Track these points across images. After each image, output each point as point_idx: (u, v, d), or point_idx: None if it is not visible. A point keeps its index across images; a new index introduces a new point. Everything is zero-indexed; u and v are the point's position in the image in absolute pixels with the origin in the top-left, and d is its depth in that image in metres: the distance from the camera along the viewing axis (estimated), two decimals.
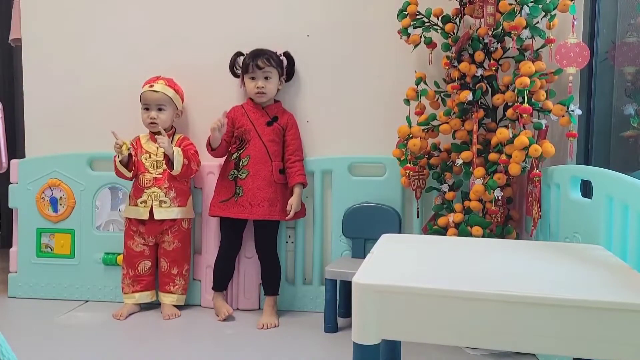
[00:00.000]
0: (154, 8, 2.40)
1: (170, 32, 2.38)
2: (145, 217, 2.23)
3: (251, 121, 2.20)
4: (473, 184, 1.85)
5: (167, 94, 2.26)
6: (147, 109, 2.26)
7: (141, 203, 2.24)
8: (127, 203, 2.30)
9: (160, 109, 2.26)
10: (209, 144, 2.19)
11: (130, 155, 2.23)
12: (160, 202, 2.24)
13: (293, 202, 2.16)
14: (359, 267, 1.06)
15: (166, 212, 2.24)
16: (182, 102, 2.34)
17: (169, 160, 2.20)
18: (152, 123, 2.25)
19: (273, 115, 2.23)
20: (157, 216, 2.23)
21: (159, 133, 2.23)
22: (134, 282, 2.28)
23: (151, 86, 2.26)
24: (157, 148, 2.25)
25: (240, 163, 2.18)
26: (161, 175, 2.25)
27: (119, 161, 2.21)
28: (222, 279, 2.27)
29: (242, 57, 2.27)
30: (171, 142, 2.27)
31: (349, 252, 2.27)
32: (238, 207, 2.16)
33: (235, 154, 2.20)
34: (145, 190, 2.24)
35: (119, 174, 2.25)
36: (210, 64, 2.35)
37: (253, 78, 2.20)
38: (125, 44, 2.42)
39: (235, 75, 2.30)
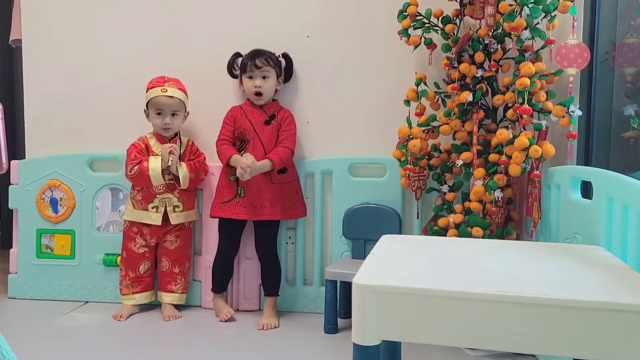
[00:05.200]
0: (154, 9, 2.40)
1: (170, 33, 2.38)
2: (158, 222, 2.22)
3: (250, 121, 2.20)
4: (473, 185, 1.85)
5: (180, 99, 2.23)
6: (159, 113, 2.22)
7: (152, 208, 2.23)
8: (131, 206, 2.27)
9: (174, 114, 2.23)
10: (226, 163, 2.15)
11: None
12: (174, 207, 2.24)
13: (252, 165, 2.07)
14: (359, 268, 1.06)
15: (181, 216, 2.26)
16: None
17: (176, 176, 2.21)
18: (166, 129, 2.23)
19: (271, 114, 2.22)
20: (173, 221, 2.23)
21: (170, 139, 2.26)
22: (134, 283, 2.27)
23: (164, 90, 2.20)
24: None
25: None
26: (172, 181, 2.23)
27: (159, 170, 2.17)
28: (222, 281, 2.27)
29: (240, 59, 2.27)
30: (179, 144, 2.27)
31: (349, 253, 2.27)
32: (240, 207, 2.16)
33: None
34: (157, 195, 2.23)
35: (146, 182, 2.18)
36: (210, 64, 2.34)
37: (251, 77, 2.20)
38: (125, 45, 2.42)
39: (233, 75, 2.30)
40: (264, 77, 2.19)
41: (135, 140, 2.27)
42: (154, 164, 2.18)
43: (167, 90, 2.21)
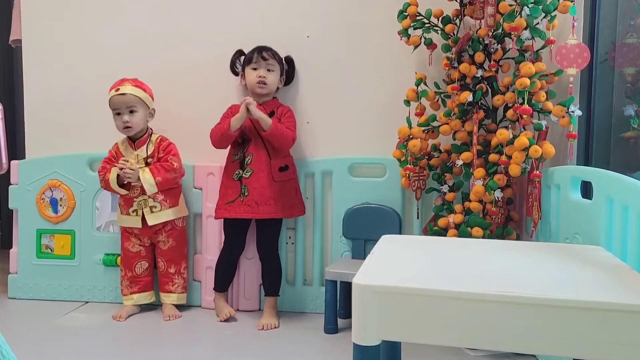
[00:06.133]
0: (154, 10, 2.40)
1: (170, 33, 2.38)
2: (140, 225, 2.22)
3: (250, 119, 2.20)
4: (473, 185, 1.85)
5: (136, 95, 2.20)
6: (118, 113, 2.20)
7: (133, 212, 2.23)
8: (119, 211, 2.28)
9: (131, 111, 2.20)
10: (228, 128, 2.10)
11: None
12: (151, 207, 2.22)
13: (253, 102, 2.09)
14: (359, 268, 1.06)
15: (158, 216, 2.23)
16: (153, 100, 2.28)
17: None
18: (126, 127, 2.20)
19: (270, 111, 2.22)
20: (150, 222, 2.21)
21: (138, 138, 2.24)
22: (132, 283, 2.28)
23: (117, 90, 2.19)
24: (137, 155, 2.22)
25: (245, 162, 2.17)
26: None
27: (116, 182, 2.17)
28: (224, 280, 2.27)
29: (243, 57, 2.27)
30: (148, 144, 2.24)
31: (349, 253, 2.27)
32: (244, 206, 2.15)
33: (239, 153, 2.19)
34: (134, 199, 2.22)
35: (111, 190, 2.21)
36: (210, 64, 2.35)
37: (255, 69, 2.19)
38: (125, 45, 2.42)
39: (235, 73, 2.30)
40: (268, 70, 2.19)
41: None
42: (112, 176, 2.18)
43: (119, 89, 2.19)
